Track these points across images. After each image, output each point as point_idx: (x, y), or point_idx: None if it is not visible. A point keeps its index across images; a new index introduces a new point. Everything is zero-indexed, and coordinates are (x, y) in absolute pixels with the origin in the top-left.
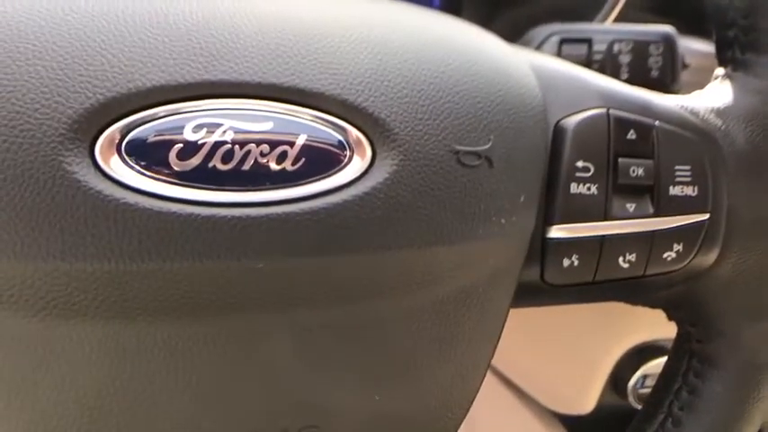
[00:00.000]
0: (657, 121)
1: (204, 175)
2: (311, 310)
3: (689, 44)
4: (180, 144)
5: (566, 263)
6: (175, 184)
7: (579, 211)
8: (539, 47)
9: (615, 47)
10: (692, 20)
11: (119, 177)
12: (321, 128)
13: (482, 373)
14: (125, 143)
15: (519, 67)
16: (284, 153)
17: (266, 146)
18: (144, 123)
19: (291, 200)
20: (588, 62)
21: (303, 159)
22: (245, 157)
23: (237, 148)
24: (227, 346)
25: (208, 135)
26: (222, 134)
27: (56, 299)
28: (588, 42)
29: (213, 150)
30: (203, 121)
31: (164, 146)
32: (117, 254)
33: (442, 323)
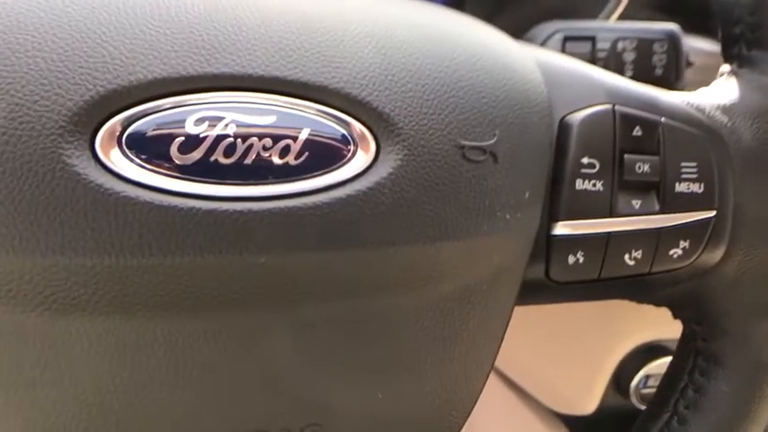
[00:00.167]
0: (663, 118)
1: (206, 169)
2: (313, 306)
3: (693, 43)
4: (181, 137)
5: (571, 260)
6: (177, 178)
7: (584, 207)
8: (542, 44)
9: (619, 45)
10: (696, 18)
11: (119, 170)
12: (325, 122)
13: (486, 373)
14: (126, 136)
15: (524, 62)
16: (287, 147)
17: (269, 140)
18: (145, 116)
19: (294, 194)
20: (592, 60)
21: (306, 154)
22: (247, 150)
23: (240, 141)
24: (228, 343)
25: (210, 128)
26: (224, 127)
27: (55, 294)
28: (592, 40)
29: (215, 144)
30: (205, 115)
31: (165, 139)
32: (117, 248)
33: (446, 320)
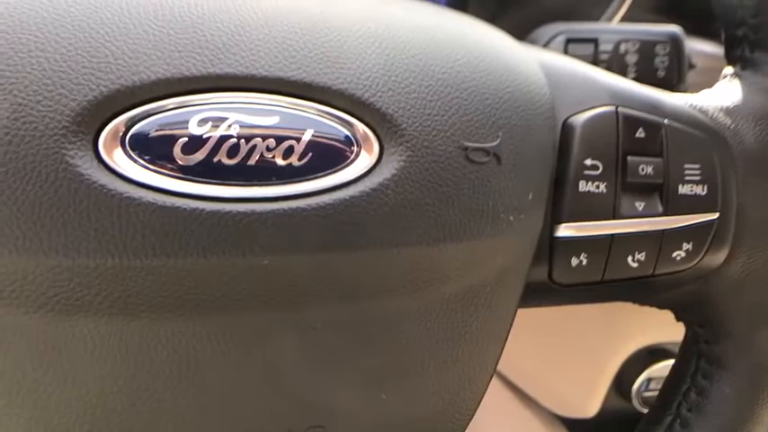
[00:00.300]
0: (666, 120)
1: (209, 170)
2: (317, 308)
3: (695, 45)
4: (185, 138)
5: (574, 262)
6: (180, 179)
7: (588, 209)
8: (545, 46)
9: (622, 47)
10: (698, 20)
11: (122, 171)
12: (328, 123)
13: (489, 374)
14: (129, 136)
15: (527, 63)
16: (291, 148)
17: (272, 140)
18: (148, 116)
19: (298, 195)
20: (594, 62)
21: (310, 154)
22: (250, 151)
23: (243, 142)
24: (231, 344)
25: (213, 129)
26: (228, 128)
27: (58, 294)
28: (594, 42)
29: (218, 145)
30: (208, 115)
31: (168, 139)
32: (120, 249)
33: (450, 322)
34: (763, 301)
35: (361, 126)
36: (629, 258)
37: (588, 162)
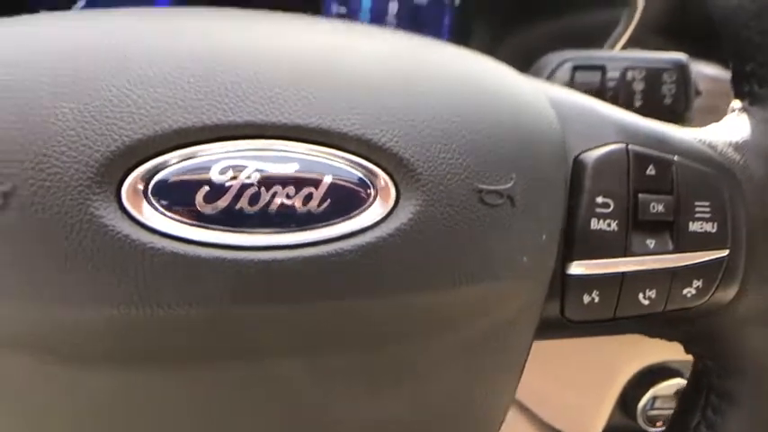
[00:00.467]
0: (676, 156)
1: (231, 218)
2: (335, 354)
3: (700, 68)
4: (206, 186)
5: (586, 299)
6: (202, 227)
7: (599, 247)
8: (551, 74)
9: (628, 74)
10: (700, 41)
11: (145, 221)
12: (345, 168)
13: (506, 408)
14: (151, 186)
15: (537, 101)
16: (310, 195)
17: (292, 187)
18: (170, 166)
19: (317, 242)
20: (602, 89)
21: (328, 200)
22: (271, 199)
23: (264, 189)
24: (250, 390)
25: (234, 177)
26: (248, 176)
27: (82, 344)
28: (601, 69)
29: (240, 193)
30: (229, 164)
31: (190, 188)
32: (144, 299)
33: (467, 362)
34: None
35: (377, 171)
36: (640, 296)
37: (600, 200)
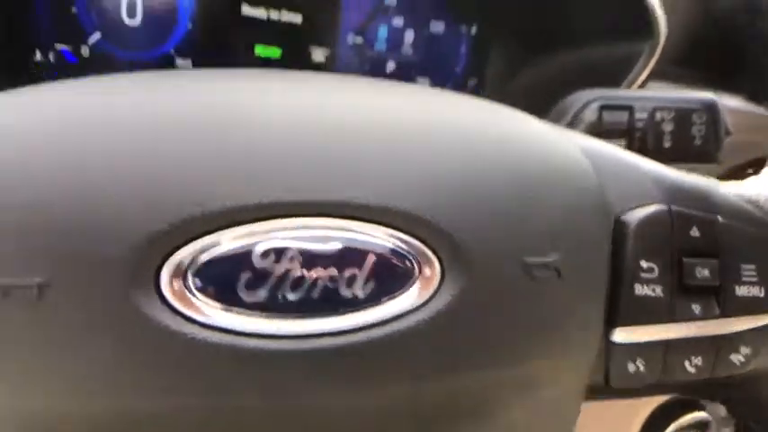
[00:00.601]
0: (720, 216)
1: (274, 305)
2: None
3: (723, 101)
4: (248, 273)
5: (631, 368)
6: (244, 315)
7: (644, 313)
8: (578, 113)
9: (657, 115)
10: (722, 71)
11: (185, 311)
12: (389, 246)
13: None
14: (191, 273)
15: (580, 162)
16: (353, 277)
17: (335, 270)
18: (210, 251)
19: (363, 327)
20: (630, 130)
21: (373, 282)
22: (314, 283)
23: (306, 273)
24: None
25: (276, 262)
26: (290, 260)
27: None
28: (629, 110)
29: (282, 278)
30: (270, 246)
31: (231, 275)
32: (188, 389)
33: None
34: None
35: (423, 248)
36: (686, 363)
37: (644, 264)
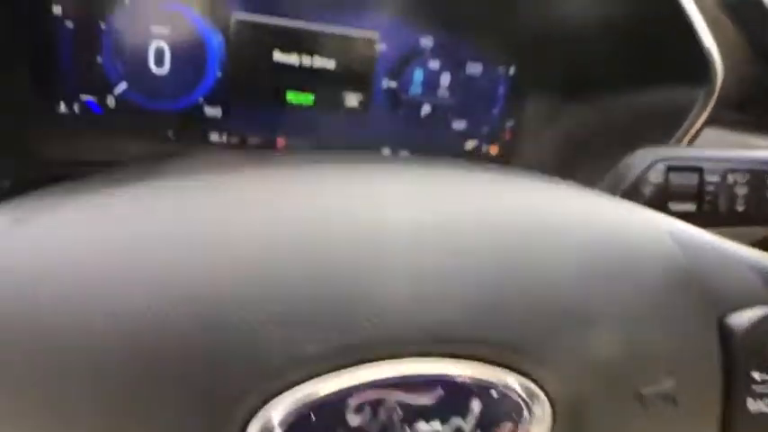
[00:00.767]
0: None
1: None
2: None
3: None
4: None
5: None
6: None
7: (758, 430)
8: (642, 175)
9: (730, 177)
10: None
11: None
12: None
13: None
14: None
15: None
16: (459, 429)
17: (438, 422)
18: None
19: None
20: (700, 192)
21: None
22: None
23: (407, 428)
24: None
25: (372, 418)
26: (387, 415)
27: None
28: (699, 171)
29: None
30: (365, 398)
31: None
32: None
33: None
34: None
35: (531, 386)
36: None
37: (756, 376)
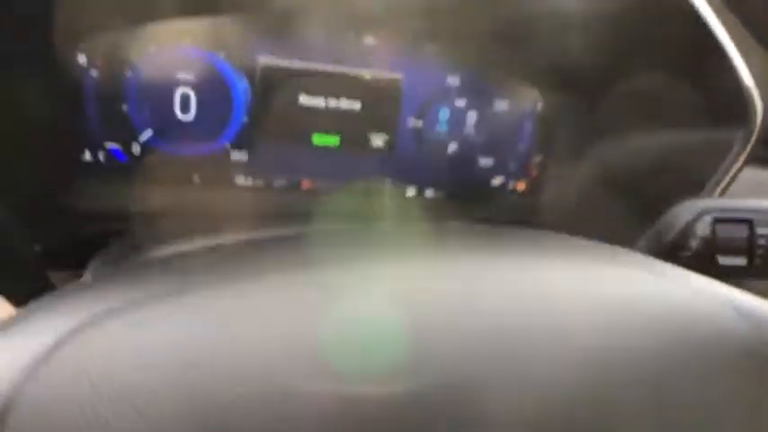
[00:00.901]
0: None
1: None
2: None
3: None
4: None
5: None
6: None
7: None
8: (688, 227)
9: None
10: None
11: None
12: None
13: None
14: None
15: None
16: None
17: None
18: None
19: None
20: (750, 246)
21: None
22: None
23: None
24: None
25: None
26: None
27: None
28: (749, 223)
29: None
30: None
31: None
32: None
33: None
34: None
35: None
36: None
37: None
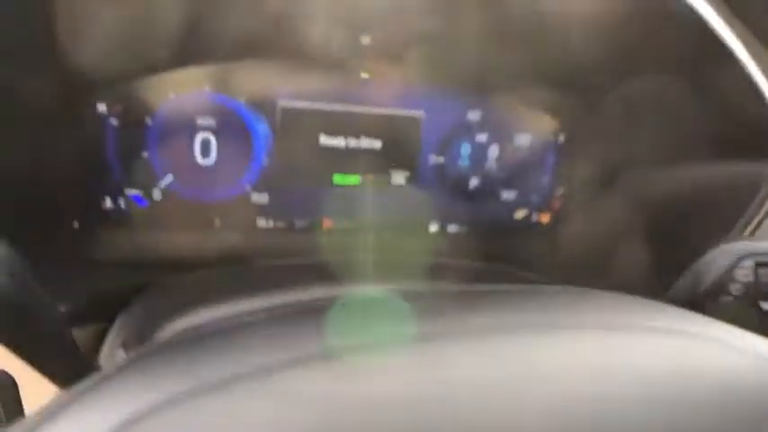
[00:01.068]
0: None
1: None
2: None
3: None
4: None
5: None
6: None
7: None
8: (729, 271)
9: None
10: None
11: None
12: None
13: None
14: None
15: None
16: None
17: None
18: None
19: None
20: None
21: None
22: None
23: None
24: None
25: None
26: None
27: None
28: None
29: None
30: None
31: None
32: None
33: None
34: None
35: None
36: None
37: None
